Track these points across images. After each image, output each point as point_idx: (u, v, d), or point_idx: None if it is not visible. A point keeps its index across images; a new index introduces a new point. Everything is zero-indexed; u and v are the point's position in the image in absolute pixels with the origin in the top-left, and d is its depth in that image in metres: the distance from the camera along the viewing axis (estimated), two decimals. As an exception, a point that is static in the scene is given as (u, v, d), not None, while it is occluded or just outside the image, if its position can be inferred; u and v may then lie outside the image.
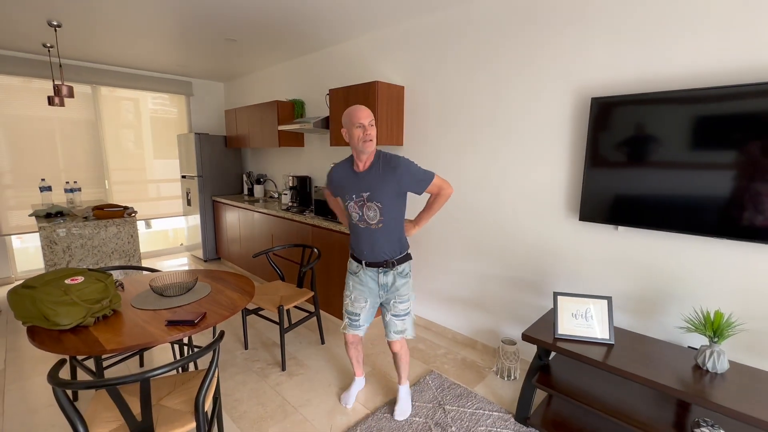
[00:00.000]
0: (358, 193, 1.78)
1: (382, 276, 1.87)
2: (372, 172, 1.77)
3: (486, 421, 1.97)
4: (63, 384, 1.16)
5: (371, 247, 1.83)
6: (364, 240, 1.84)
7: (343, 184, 1.84)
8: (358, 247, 1.87)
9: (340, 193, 1.89)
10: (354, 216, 1.82)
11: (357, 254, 1.90)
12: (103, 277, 1.72)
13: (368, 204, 1.77)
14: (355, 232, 1.87)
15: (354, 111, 1.71)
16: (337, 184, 1.89)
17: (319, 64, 3.77)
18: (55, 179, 4.16)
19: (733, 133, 1.59)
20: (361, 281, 1.90)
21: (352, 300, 1.93)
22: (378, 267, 1.86)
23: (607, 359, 1.65)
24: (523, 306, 2.46)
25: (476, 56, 2.50)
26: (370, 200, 1.76)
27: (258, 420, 1.99)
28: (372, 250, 1.83)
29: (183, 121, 5.18)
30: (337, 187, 1.89)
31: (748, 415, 1.31)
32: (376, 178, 1.75)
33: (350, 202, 1.81)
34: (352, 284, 1.93)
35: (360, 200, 1.78)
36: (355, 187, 1.79)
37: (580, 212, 2.07)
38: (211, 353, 1.42)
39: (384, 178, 1.75)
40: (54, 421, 1.96)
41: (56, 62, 3.92)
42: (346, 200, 1.83)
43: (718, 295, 1.76)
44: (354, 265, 1.93)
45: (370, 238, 1.82)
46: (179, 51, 3.79)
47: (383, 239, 1.82)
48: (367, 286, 1.89)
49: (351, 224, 1.88)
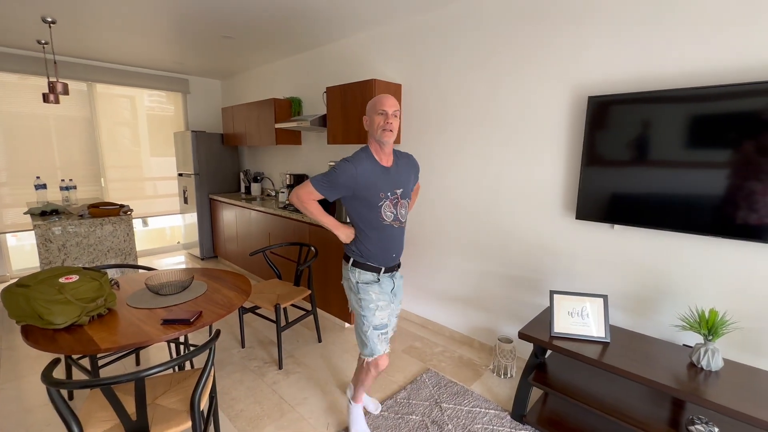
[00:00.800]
0: (392, 190, 1.63)
1: (395, 280, 1.78)
2: (398, 168, 1.68)
3: (482, 419, 1.98)
4: (57, 383, 1.15)
5: (399, 248, 1.73)
6: (396, 242, 1.69)
7: (374, 180, 1.59)
8: (386, 252, 1.68)
9: (364, 193, 1.59)
10: (387, 216, 1.63)
11: (380, 260, 1.68)
12: (98, 276, 1.71)
13: (402, 201, 1.66)
14: (382, 236, 1.65)
15: (380, 98, 1.59)
16: (361, 182, 1.57)
17: (316, 61, 3.75)
18: (51, 177, 4.13)
19: (728, 132, 1.59)
20: (382, 289, 1.71)
21: (382, 309, 1.68)
22: (392, 271, 1.75)
23: (603, 357, 1.66)
24: (520, 304, 2.47)
25: (474, 54, 2.50)
26: (403, 197, 1.67)
27: (255, 418, 1.99)
28: (399, 252, 1.73)
29: (180, 118, 5.16)
30: (359, 187, 1.57)
31: (742, 413, 1.32)
32: (403, 174, 1.69)
33: (384, 201, 1.61)
34: (375, 294, 1.67)
35: (395, 198, 1.64)
36: (389, 184, 1.62)
37: (577, 211, 2.07)
38: (207, 352, 1.42)
39: (409, 173, 1.71)
40: (49, 420, 1.95)
41: (51, 59, 3.89)
42: (380, 199, 1.60)
43: (713, 293, 1.77)
44: (369, 275, 1.69)
45: (400, 238, 1.71)
46: (175, 48, 3.76)
47: (403, 237, 1.74)
48: (386, 293, 1.73)
49: (376, 228, 1.64)
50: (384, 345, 1.69)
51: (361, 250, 1.68)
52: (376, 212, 1.62)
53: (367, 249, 1.66)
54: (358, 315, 1.70)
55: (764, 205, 1.55)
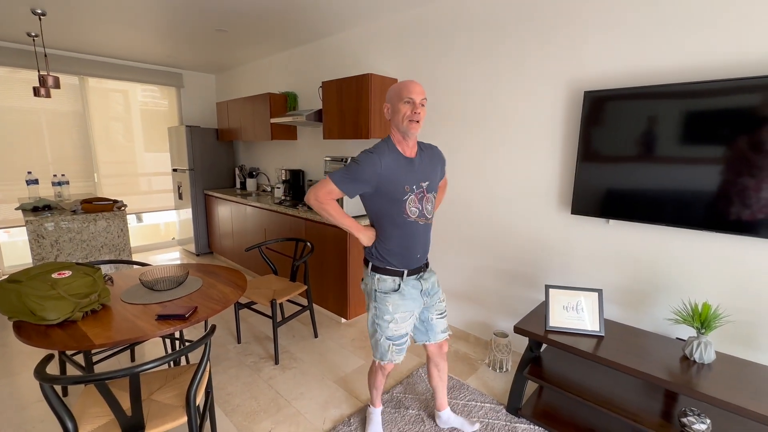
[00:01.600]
0: (418, 183, 1.49)
1: (424, 282, 1.61)
2: (423, 159, 1.53)
3: (478, 413, 1.99)
4: (49, 379, 1.14)
5: (424, 247, 1.58)
6: (419, 241, 1.55)
7: (398, 173, 1.46)
8: (410, 252, 1.54)
9: (388, 187, 1.46)
10: (412, 212, 1.50)
11: (403, 262, 1.55)
12: (91, 271, 1.70)
13: (428, 195, 1.53)
14: (406, 234, 1.52)
15: (405, 84, 1.43)
16: (385, 175, 1.44)
17: (312, 56, 3.72)
18: (43, 172, 4.08)
19: (723, 127, 1.60)
20: (404, 297, 1.56)
21: (398, 323, 1.56)
22: (419, 272, 1.60)
23: (597, 351, 1.67)
24: (516, 299, 2.48)
25: (470, 49, 2.49)
26: (429, 191, 1.53)
27: (251, 413, 1.99)
28: (425, 251, 1.59)
29: (174, 113, 5.10)
30: (383, 180, 1.45)
31: (733, 404, 1.34)
32: (429, 166, 1.55)
33: (410, 195, 1.48)
34: (393, 306, 1.54)
35: (420, 192, 1.50)
36: (414, 177, 1.48)
37: (572, 206, 2.08)
38: (202, 347, 1.41)
39: (434, 165, 1.58)
40: (43, 416, 1.93)
41: (41, 52, 3.83)
42: (405, 193, 1.48)
43: (706, 287, 1.78)
44: (390, 282, 1.55)
45: (425, 236, 1.58)
46: (168, 41, 3.71)
47: (429, 235, 1.61)
48: (410, 298, 1.57)
49: (399, 225, 1.51)
50: (397, 356, 1.61)
51: (381, 253, 1.55)
52: (400, 208, 1.49)
53: (387, 250, 1.54)
54: (372, 322, 1.61)
55: (757, 201, 1.56)
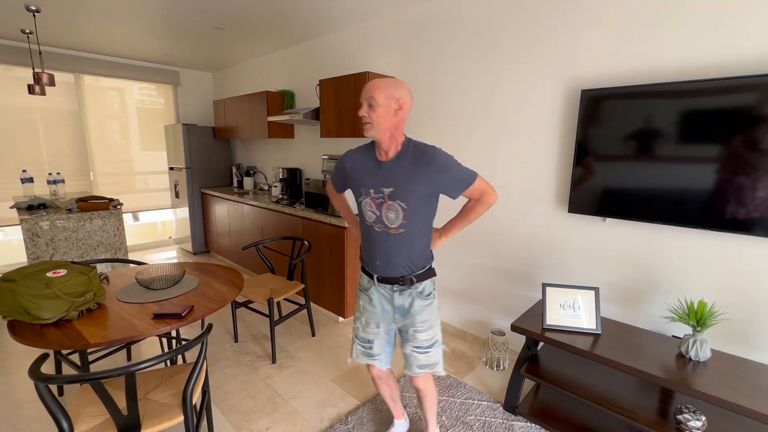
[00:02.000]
0: (377, 187, 1.41)
1: (398, 296, 1.50)
2: (399, 164, 1.39)
3: (475, 411, 2.00)
4: (44, 379, 1.13)
5: (387, 257, 1.46)
6: (378, 248, 1.47)
7: (358, 173, 1.47)
8: (371, 257, 1.51)
9: (352, 186, 1.51)
10: (369, 216, 1.45)
11: (368, 266, 1.54)
12: (87, 270, 1.69)
13: (389, 203, 1.39)
14: (367, 238, 1.51)
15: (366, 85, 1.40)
16: (349, 173, 1.50)
17: (309, 54, 3.71)
18: (38, 170, 4.05)
19: (719, 126, 1.61)
20: (372, 301, 1.55)
21: (363, 324, 1.59)
22: (394, 284, 1.49)
23: (594, 349, 1.68)
24: (513, 297, 2.48)
25: (467, 48, 2.48)
26: (392, 198, 1.38)
27: (248, 412, 1.99)
28: (388, 262, 1.46)
29: (170, 111, 5.08)
30: (349, 179, 1.51)
31: (728, 402, 1.35)
32: (404, 172, 1.38)
33: (365, 197, 1.44)
34: (362, 304, 1.58)
35: (379, 196, 1.41)
36: (375, 179, 1.42)
37: (569, 204, 2.09)
38: (199, 346, 1.41)
39: (415, 173, 1.36)
40: (38, 416, 1.92)
41: (36, 49, 3.79)
42: (361, 195, 1.46)
43: (702, 285, 1.79)
44: (365, 280, 1.57)
45: (387, 245, 1.45)
46: (165, 39, 3.69)
47: (403, 249, 1.44)
48: (379, 307, 1.54)
49: (363, 227, 1.52)
50: (363, 357, 1.61)
51: (361, 249, 1.61)
52: (360, 209, 1.49)
53: (361, 249, 1.59)
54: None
55: (753, 199, 1.57)
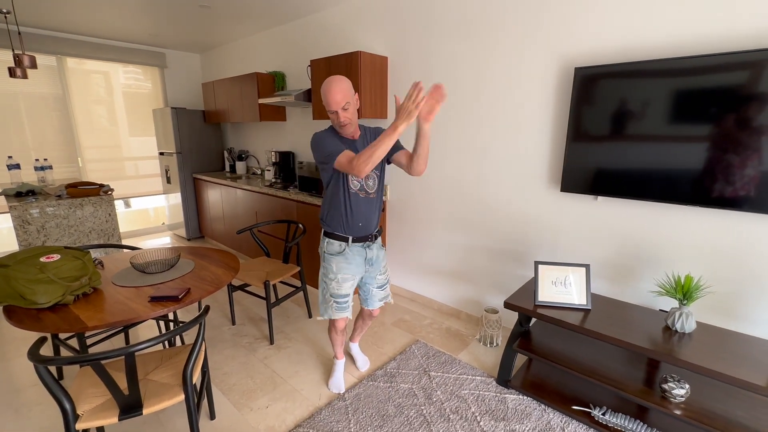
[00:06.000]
0: None
1: (368, 250, 1.84)
2: (366, 140, 1.75)
3: (469, 385, 2.06)
4: (43, 360, 1.14)
5: (367, 218, 1.79)
6: (362, 212, 1.77)
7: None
8: (352, 221, 1.76)
9: None
10: (354, 185, 1.74)
11: (346, 230, 1.78)
12: (81, 255, 1.68)
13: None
14: (349, 205, 1.75)
15: (326, 92, 1.58)
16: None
17: (299, 33, 3.62)
18: (24, 157, 3.96)
19: (710, 104, 1.61)
20: (347, 260, 1.81)
21: (339, 282, 1.81)
22: (364, 241, 1.82)
23: (584, 323, 1.73)
24: (506, 276, 2.53)
25: (459, 25, 2.44)
26: None
27: (248, 391, 2.03)
28: (367, 222, 1.80)
29: (158, 95, 4.96)
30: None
31: (711, 370, 1.41)
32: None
33: None
34: (336, 266, 1.80)
35: None
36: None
37: (562, 183, 2.10)
38: (197, 327, 1.42)
39: None
40: (40, 399, 1.95)
41: (15, 30, 3.66)
42: None
43: (689, 260, 1.84)
44: (336, 245, 1.80)
45: (367, 208, 1.78)
46: (150, 18, 3.57)
47: (376, 209, 1.82)
48: (353, 263, 1.82)
49: (343, 196, 1.73)
50: (339, 312, 1.85)
51: (329, 220, 1.81)
52: (345, 179, 1.72)
53: (332, 218, 1.79)
54: (321, 280, 1.89)
55: (741, 177, 1.60)
